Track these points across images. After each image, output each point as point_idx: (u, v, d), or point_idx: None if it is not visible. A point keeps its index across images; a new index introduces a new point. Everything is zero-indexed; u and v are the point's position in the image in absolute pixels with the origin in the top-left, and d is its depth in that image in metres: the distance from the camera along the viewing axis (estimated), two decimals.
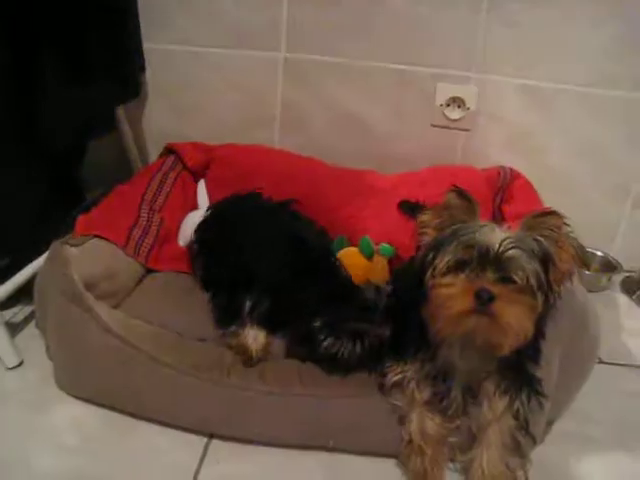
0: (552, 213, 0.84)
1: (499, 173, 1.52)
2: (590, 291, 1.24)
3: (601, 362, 1.25)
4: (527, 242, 0.81)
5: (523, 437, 0.92)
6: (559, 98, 1.53)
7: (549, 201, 1.41)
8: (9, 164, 1.16)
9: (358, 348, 0.98)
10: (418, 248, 0.90)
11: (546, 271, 0.81)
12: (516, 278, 0.80)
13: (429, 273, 0.84)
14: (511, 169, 1.53)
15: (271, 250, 1.11)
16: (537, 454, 1.00)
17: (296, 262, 1.07)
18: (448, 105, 1.58)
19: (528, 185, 1.49)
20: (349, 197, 1.49)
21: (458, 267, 0.82)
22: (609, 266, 1.60)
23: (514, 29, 1.48)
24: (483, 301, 0.78)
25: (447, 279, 0.82)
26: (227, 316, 1.06)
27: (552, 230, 0.83)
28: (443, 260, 0.83)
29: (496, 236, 0.81)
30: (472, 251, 0.81)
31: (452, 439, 0.95)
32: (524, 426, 0.91)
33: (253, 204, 1.26)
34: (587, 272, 1.57)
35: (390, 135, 1.63)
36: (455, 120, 1.59)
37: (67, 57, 1.20)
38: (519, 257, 0.80)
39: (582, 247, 0.85)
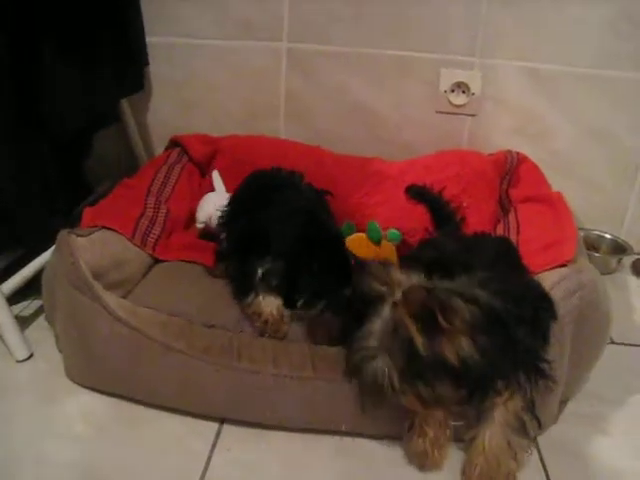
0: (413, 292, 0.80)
1: (506, 157, 1.52)
2: (600, 274, 1.23)
3: (613, 342, 1.25)
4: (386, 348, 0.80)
5: (529, 419, 0.90)
6: (564, 80, 1.51)
7: (557, 184, 1.41)
8: (17, 147, 1.17)
9: None
10: None
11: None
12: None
13: None
14: (518, 153, 1.53)
15: (285, 221, 1.08)
16: (551, 433, 1.00)
17: (308, 235, 1.05)
18: (452, 91, 1.57)
19: (535, 168, 1.49)
20: (357, 184, 1.48)
21: None
22: (619, 248, 1.59)
23: (516, 11, 1.47)
24: None
25: None
26: (242, 286, 1.06)
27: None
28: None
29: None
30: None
31: (456, 423, 0.94)
32: (530, 407, 0.90)
33: (275, 180, 1.25)
34: (596, 254, 1.56)
35: (395, 122, 1.63)
36: (460, 106, 1.58)
37: (72, 47, 1.20)
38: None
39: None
